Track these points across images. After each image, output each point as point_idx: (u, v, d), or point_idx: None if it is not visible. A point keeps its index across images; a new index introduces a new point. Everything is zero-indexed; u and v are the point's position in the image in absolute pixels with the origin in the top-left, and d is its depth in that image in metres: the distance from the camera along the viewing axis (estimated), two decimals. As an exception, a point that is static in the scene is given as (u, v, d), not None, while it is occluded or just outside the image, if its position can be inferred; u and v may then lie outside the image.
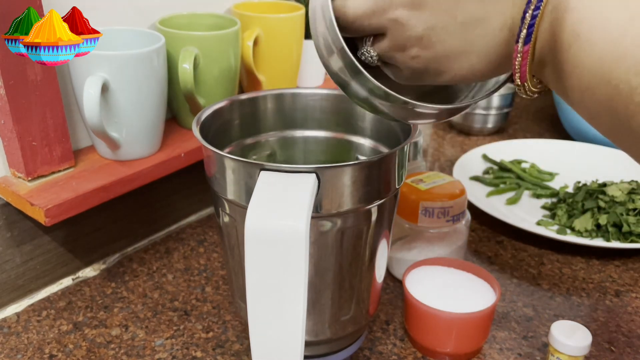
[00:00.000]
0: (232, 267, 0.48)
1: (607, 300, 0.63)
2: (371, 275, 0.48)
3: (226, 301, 0.62)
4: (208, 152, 0.44)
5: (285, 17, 0.71)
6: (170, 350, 0.55)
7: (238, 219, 0.44)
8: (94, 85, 0.53)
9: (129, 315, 0.59)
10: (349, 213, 0.43)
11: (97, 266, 0.66)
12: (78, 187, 0.56)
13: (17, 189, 0.55)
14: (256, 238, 0.37)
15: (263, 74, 0.72)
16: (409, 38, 0.34)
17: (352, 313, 0.48)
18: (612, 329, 0.59)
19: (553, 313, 0.61)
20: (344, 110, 0.54)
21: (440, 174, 0.65)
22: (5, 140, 0.54)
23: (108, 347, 0.55)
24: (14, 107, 0.52)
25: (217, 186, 0.44)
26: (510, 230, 0.74)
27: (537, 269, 0.67)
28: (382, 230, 0.47)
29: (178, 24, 0.65)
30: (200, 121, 0.47)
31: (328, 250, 0.44)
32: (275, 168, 0.39)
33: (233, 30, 0.64)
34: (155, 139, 0.62)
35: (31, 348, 0.55)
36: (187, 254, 0.69)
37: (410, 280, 0.56)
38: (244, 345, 0.56)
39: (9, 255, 0.59)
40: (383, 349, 0.56)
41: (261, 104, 0.54)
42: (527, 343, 0.57)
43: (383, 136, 0.53)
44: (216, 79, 0.65)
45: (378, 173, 0.43)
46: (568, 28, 0.30)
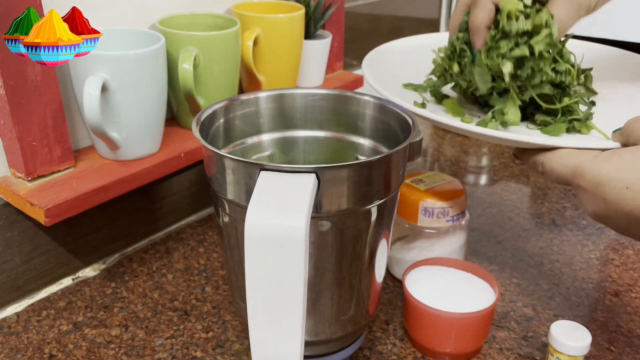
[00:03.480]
0: (232, 267, 0.48)
1: (606, 300, 0.63)
2: (371, 275, 0.48)
3: (226, 301, 0.62)
4: (208, 152, 0.44)
5: (285, 17, 0.71)
6: (170, 350, 0.55)
7: (238, 219, 0.44)
8: (93, 85, 0.53)
9: (129, 315, 0.59)
10: (349, 213, 0.43)
11: (97, 266, 0.66)
12: (78, 187, 0.56)
13: (17, 189, 0.55)
14: (256, 238, 0.37)
15: (263, 74, 0.72)
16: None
17: (352, 313, 0.48)
18: (611, 329, 0.59)
19: (553, 313, 0.61)
20: (344, 110, 0.54)
21: (440, 174, 0.65)
22: (5, 140, 0.54)
23: (108, 347, 0.55)
24: (14, 107, 0.52)
25: (217, 186, 0.44)
26: (510, 230, 0.74)
27: (537, 269, 0.67)
28: (382, 230, 0.47)
29: (178, 24, 0.65)
30: (200, 121, 0.47)
31: (328, 250, 0.44)
32: (275, 168, 0.39)
33: (233, 30, 0.64)
34: (155, 139, 0.62)
35: (31, 348, 0.55)
36: (187, 254, 0.69)
37: (410, 280, 0.56)
38: (243, 345, 0.56)
39: (9, 255, 0.59)
40: (383, 349, 0.56)
41: (261, 104, 0.54)
42: (526, 343, 0.57)
43: (383, 136, 0.53)
44: (216, 79, 0.65)
45: (378, 173, 0.43)
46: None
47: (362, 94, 0.53)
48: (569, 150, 0.45)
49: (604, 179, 0.41)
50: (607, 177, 0.41)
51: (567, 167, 0.44)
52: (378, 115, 0.52)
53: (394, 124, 0.51)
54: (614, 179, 0.41)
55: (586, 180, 0.43)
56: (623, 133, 0.45)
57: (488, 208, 0.79)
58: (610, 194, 0.41)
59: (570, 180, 0.44)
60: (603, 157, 0.42)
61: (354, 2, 0.94)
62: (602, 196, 0.42)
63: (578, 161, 0.44)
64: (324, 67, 0.82)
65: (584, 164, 0.43)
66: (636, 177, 0.40)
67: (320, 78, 0.83)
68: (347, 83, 0.85)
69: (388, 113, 0.51)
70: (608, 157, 0.42)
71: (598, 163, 0.42)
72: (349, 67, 0.97)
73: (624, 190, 0.40)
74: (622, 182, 0.40)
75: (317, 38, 0.79)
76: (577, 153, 0.44)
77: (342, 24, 0.86)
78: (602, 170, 0.42)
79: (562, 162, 0.45)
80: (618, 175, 0.40)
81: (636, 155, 0.41)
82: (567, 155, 0.45)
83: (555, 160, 0.45)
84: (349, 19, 0.91)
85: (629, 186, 0.40)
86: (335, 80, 0.86)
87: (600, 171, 0.42)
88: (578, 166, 0.43)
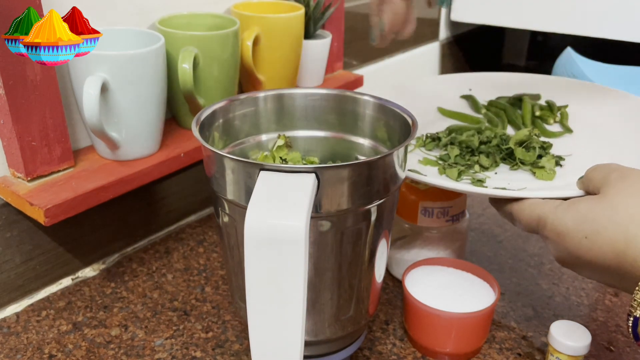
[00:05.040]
0: (232, 267, 0.48)
1: (606, 300, 0.63)
2: (371, 275, 0.48)
3: (226, 301, 0.62)
4: (207, 152, 0.44)
5: (285, 17, 0.71)
6: (169, 350, 0.55)
7: (237, 219, 0.44)
8: (93, 85, 0.53)
9: (129, 315, 0.59)
10: (349, 213, 0.43)
11: (97, 266, 0.66)
12: (77, 187, 0.56)
13: (16, 189, 0.55)
14: (256, 238, 0.37)
15: (263, 74, 0.72)
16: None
17: (352, 313, 0.48)
18: (611, 329, 0.59)
19: (552, 313, 0.61)
20: (343, 110, 0.54)
21: (440, 174, 0.65)
22: (5, 140, 0.54)
23: (107, 347, 0.55)
24: (13, 107, 0.52)
25: (217, 186, 0.44)
26: (510, 230, 0.74)
27: (537, 269, 0.67)
28: (381, 230, 0.47)
29: (178, 24, 0.65)
30: (200, 121, 0.47)
31: (327, 250, 0.44)
32: (274, 168, 0.39)
33: (232, 30, 0.64)
34: (154, 139, 0.62)
35: (31, 348, 0.55)
36: (187, 254, 0.69)
37: (410, 280, 0.56)
38: (243, 345, 0.56)
39: (9, 255, 0.59)
40: (383, 349, 0.56)
41: (261, 104, 0.54)
42: (526, 343, 0.57)
43: (383, 136, 0.53)
44: (216, 79, 0.65)
45: (378, 173, 0.43)
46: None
47: (362, 94, 0.53)
48: (534, 201, 0.47)
49: (564, 229, 0.43)
50: (566, 227, 0.43)
51: (532, 217, 0.47)
52: (378, 115, 0.52)
53: (394, 124, 0.51)
54: (573, 229, 0.42)
55: (548, 230, 0.45)
56: (584, 181, 0.47)
57: (488, 208, 0.79)
58: (570, 243, 0.43)
59: (536, 229, 0.47)
60: (563, 208, 0.44)
61: (353, 2, 0.94)
62: (563, 245, 0.43)
63: (541, 211, 0.46)
64: (323, 67, 0.82)
65: (546, 214, 0.45)
66: (593, 228, 0.41)
67: (320, 78, 0.83)
68: (347, 83, 0.85)
69: (388, 113, 0.51)
70: (568, 207, 0.44)
71: (559, 214, 0.44)
72: (349, 67, 0.97)
73: (583, 240, 0.41)
74: (580, 232, 0.42)
75: (316, 38, 0.79)
76: (540, 203, 0.46)
77: (341, 23, 0.86)
78: (562, 220, 0.43)
79: (527, 213, 0.47)
80: (576, 227, 0.42)
81: (592, 206, 0.42)
82: (531, 206, 0.47)
83: (521, 211, 0.48)
84: (348, 18, 0.91)
85: (588, 236, 0.41)
86: (335, 80, 0.86)
87: (560, 221, 0.43)
88: (541, 216, 0.46)
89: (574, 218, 0.43)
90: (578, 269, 0.45)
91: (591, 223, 0.41)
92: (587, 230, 0.41)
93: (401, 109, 0.50)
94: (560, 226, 0.43)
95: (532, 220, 0.47)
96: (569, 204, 0.44)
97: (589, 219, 0.42)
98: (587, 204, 0.43)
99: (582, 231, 0.42)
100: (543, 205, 0.46)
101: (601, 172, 0.45)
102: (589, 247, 0.41)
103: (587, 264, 0.42)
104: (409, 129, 0.47)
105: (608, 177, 0.44)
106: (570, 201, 0.44)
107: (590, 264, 0.42)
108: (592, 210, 0.42)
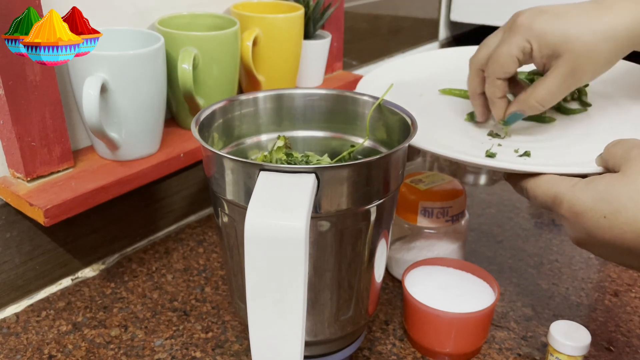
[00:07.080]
0: (232, 267, 0.48)
1: (606, 300, 0.63)
2: (370, 275, 0.48)
3: (225, 301, 0.62)
4: (207, 153, 0.44)
5: (284, 17, 0.71)
6: (169, 351, 0.55)
7: (237, 219, 0.44)
8: (93, 86, 0.53)
9: (128, 316, 0.59)
10: (348, 213, 0.43)
11: (97, 266, 0.66)
12: (77, 188, 0.56)
13: (16, 189, 0.55)
14: (256, 238, 0.37)
15: (262, 74, 0.72)
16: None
17: (352, 313, 0.48)
18: (611, 329, 0.59)
19: (552, 313, 0.61)
20: (343, 110, 0.54)
21: (440, 174, 0.65)
22: (5, 140, 0.54)
23: (107, 348, 0.55)
24: (13, 108, 0.52)
25: (216, 186, 0.44)
26: (509, 230, 0.74)
27: (537, 269, 0.67)
28: (381, 230, 0.47)
29: (177, 24, 0.65)
30: (200, 121, 0.47)
31: (327, 250, 0.44)
32: (274, 168, 0.39)
33: (232, 30, 0.64)
34: (154, 139, 0.62)
35: (30, 348, 0.55)
36: (187, 254, 0.69)
37: (410, 280, 0.56)
38: (243, 345, 0.56)
39: (8, 255, 0.59)
40: (382, 349, 0.56)
41: (260, 104, 0.54)
42: (526, 343, 0.57)
43: (382, 136, 0.53)
44: (215, 79, 0.65)
45: (377, 173, 0.43)
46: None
47: (362, 94, 0.53)
48: (550, 177, 0.46)
49: (582, 208, 0.42)
50: (584, 207, 0.42)
51: (548, 195, 0.45)
52: (377, 115, 0.52)
53: (394, 124, 0.51)
54: (591, 209, 0.41)
55: (565, 209, 0.43)
56: (603, 157, 0.46)
57: (487, 208, 0.80)
58: (588, 223, 0.42)
59: (551, 207, 0.45)
60: (581, 186, 0.43)
61: (353, 2, 0.95)
62: (581, 225, 0.42)
63: (558, 189, 0.44)
64: (323, 67, 0.82)
65: (563, 193, 0.44)
66: (613, 207, 0.40)
67: (320, 78, 0.83)
68: (347, 83, 0.85)
69: (387, 113, 0.51)
70: (586, 186, 0.42)
71: (576, 192, 0.43)
72: (349, 67, 0.97)
73: (602, 220, 0.41)
74: (599, 212, 0.41)
75: (316, 38, 0.79)
76: (557, 180, 0.45)
77: (341, 24, 0.86)
78: (580, 200, 0.42)
79: (543, 190, 0.46)
80: (595, 206, 0.41)
81: (612, 185, 0.41)
82: (548, 183, 0.45)
83: (537, 188, 0.46)
84: (348, 19, 0.91)
85: (607, 215, 0.40)
86: (335, 80, 0.86)
87: (578, 201, 0.42)
88: (557, 194, 0.44)
89: (593, 197, 0.41)
90: (595, 249, 0.43)
91: (610, 202, 0.40)
92: (606, 210, 0.40)
93: (401, 109, 0.50)
94: (577, 205, 0.42)
95: (548, 198, 0.45)
96: (587, 182, 0.43)
97: (609, 198, 0.40)
98: (606, 182, 0.41)
99: (601, 210, 0.40)
100: (560, 183, 0.44)
101: (622, 148, 0.43)
102: (608, 226, 0.40)
103: (605, 244, 0.41)
104: (408, 129, 0.47)
105: (629, 153, 0.42)
106: (589, 179, 0.43)
107: (609, 245, 0.41)
108: (611, 188, 0.41)
